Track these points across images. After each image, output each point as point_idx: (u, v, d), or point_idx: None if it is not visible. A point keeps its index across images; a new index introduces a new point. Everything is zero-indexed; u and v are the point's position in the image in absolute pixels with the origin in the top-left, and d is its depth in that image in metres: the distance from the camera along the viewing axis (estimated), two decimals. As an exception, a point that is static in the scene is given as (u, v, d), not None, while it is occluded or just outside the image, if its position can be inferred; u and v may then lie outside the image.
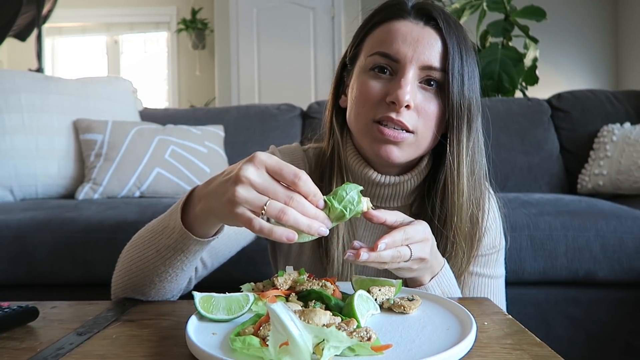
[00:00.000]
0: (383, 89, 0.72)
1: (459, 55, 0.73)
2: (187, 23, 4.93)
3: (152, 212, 1.36)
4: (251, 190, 0.52)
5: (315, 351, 0.43)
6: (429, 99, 0.73)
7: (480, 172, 0.78)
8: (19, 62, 4.68)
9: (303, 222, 0.52)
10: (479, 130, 0.77)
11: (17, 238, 1.29)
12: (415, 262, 0.63)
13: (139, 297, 0.71)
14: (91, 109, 1.86)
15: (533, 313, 1.30)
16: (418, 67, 0.71)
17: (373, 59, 0.74)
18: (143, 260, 0.67)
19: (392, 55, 0.72)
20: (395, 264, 0.60)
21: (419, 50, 0.71)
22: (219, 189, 0.55)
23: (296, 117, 2.12)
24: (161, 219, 0.68)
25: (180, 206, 0.63)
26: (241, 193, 0.51)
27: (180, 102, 5.23)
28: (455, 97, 0.72)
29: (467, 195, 0.75)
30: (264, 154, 0.53)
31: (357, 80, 0.76)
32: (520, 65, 2.55)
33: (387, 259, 0.58)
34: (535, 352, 0.48)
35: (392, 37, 0.73)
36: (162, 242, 0.65)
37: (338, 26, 4.33)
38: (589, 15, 4.88)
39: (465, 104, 0.73)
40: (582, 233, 1.28)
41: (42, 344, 0.53)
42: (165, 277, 0.67)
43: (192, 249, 0.64)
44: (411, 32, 0.72)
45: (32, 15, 3.09)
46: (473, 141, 0.75)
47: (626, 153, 1.81)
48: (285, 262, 0.88)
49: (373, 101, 0.73)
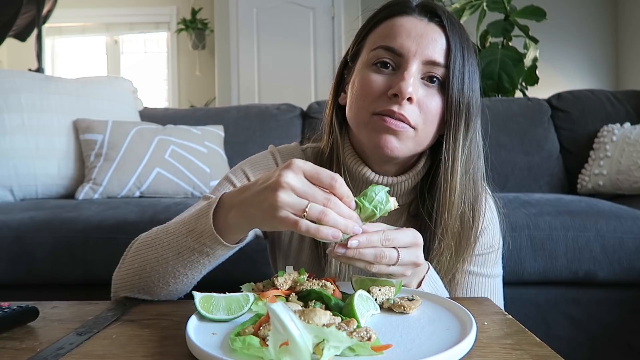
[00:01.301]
0: (385, 83, 0.72)
1: (460, 53, 0.73)
2: (187, 23, 4.93)
3: (152, 212, 1.36)
4: (292, 194, 0.54)
5: (315, 351, 0.43)
6: (431, 95, 0.73)
7: (477, 173, 0.78)
8: (19, 62, 4.68)
9: (341, 222, 0.55)
10: (477, 131, 0.77)
11: (17, 238, 1.29)
12: (409, 267, 0.63)
13: (145, 296, 0.71)
14: (91, 109, 1.86)
15: (533, 313, 1.30)
16: (421, 61, 0.71)
17: (376, 53, 0.74)
18: (160, 261, 0.67)
19: (396, 49, 0.72)
20: (384, 268, 0.60)
21: (422, 45, 0.71)
22: (257, 197, 0.57)
23: (296, 117, 2.12)
24: (182, 222, 0.67)
25: (212, 210, 0.63)
26: (283, 198, 0.54)
27: (180, 102, 5.23)
28: (455, 94, 0.72)
29: (459, 193, 0.75)
30: (300, 160, 0.57)
31: (359, 74, 0.76)
32: (520, 65, 2.55)
33: (370, 258, 0.58)
34: (535, 352, 0.48)
35: (396, 31, 0.73)
36: (187, 244, 0.65)
37: (338, 26, 4.34)
38: (589, 15, 4.89)
39: (464, 102, 0.73)
40: (582, 233, 1.28)
41: (42, 344, 0.53)
42: (181, 279, 0.68)
43: (219, 254, 0.65)
44: (415, 27, 0.72)
45: (32, 15, 3.09)
46: (470, 140, 0.75)
47: (626, 153, 1.81)
48: (285, 262, 0.88)
49: (374, 95, 0.73)
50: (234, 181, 0.84)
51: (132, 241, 0.75)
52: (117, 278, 0.73)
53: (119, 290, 0.73)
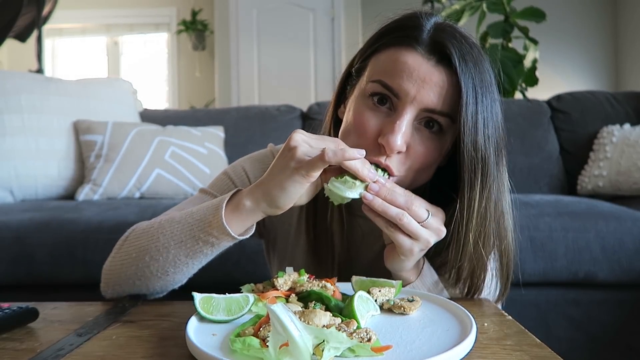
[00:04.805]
0: (377, 126, 0.66)
1: (474, 100, 0.64)
2: (187, 24, 4.94)
3: (152, 212, 1.36)
4: (307, 146, 0.60)
5: (315, 352, 0.43)
6: (425, 140, 0.67)
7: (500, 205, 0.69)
8: (19, 63, 4.68)
9: (358, 156, 0.59)
10: (499, 185, 0.68)
11: (17, 239, 1.29)
12: (433, 234, 0.63)
13: (137, 289, 0.70)
14: (91, 110, 1.86)
15: (533, 314, 1.30)
16: (419, 108, 0.65)
17: (373, 86, 0.67)
18: (161, 250, 0.66)
19: (394, 89, 0.65)
20: (414, 224, 0.61)
21: (423, 92, 0.64)
22: (277, 164, 0.62)
23: (296, 118, 2.12)
24: (190, 213, 0.67)
25: (225, 203, 0.64)
26: (301, 150, 0.59)
27: (180, 103, 5.23)
28: (467, 150, 0.64)
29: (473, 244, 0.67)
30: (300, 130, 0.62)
31: (355, 103, 0.70)
32: (520, 67, 2.55)
33: (401, 201, 0.61)
34: (535, 353, 0.48)
35: (397, 69, 0.65)
36: (192, 233, 0.65)
37: (338, 27, 4.34)
38: (588, 16, 4.89)
39: (479, 155, 0.64)
40: (582, 234, 1.28)
41: (42, 345, 0.53)
42: (181, 268, 0.68)
43: (223, 245, 0.66)
44: (419, 69, 0.64)
45: (33, 16, 3.09)
46: (487, 199, 0.67)
47: (626, 154, 1.81)
48: (280, 264, 0.88)
49: (365, 137, 0.67)
50: (232, 177, 0.84)
51: (127, 232, 0.73)
52: (110, 268, 0.71)
53: (110, 282, 0.71)
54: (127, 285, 0.70)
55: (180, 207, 0.79)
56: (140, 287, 0.70)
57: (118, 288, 0.72)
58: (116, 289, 0.72)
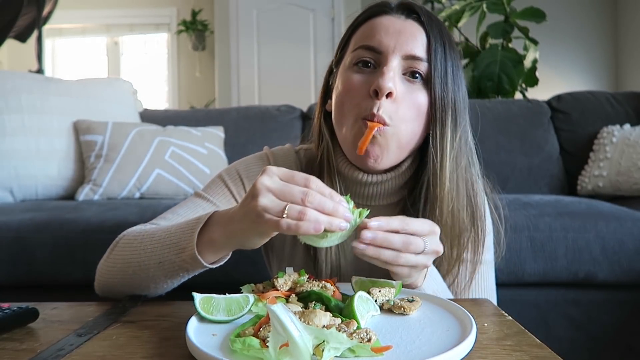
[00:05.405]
0: (366, 82, 0.72)
1: (442, 48, 0.73)
2: (187, 24, 4.94)
3: (152, 213, 1.36)
4: (270, 196, 0.54)
5: (315, 352, 0.43)
6: (412, 91, 0.72)
7: (471, 168, 0.77)
8: (19, 63, 4.69)
9: (323, 219, 0.53)
10: (466, 128, 0.76)
11: (17, 239, 1.29)
12: (431, 256, 0.62)
13: (126, 294, 0.72)
14: (91, 110, 1.86)
15: (533, 314, 1.30)
16: (401, 57, 0.71)
17: (356, 54, 0.74)
18: (142, 267, 0.67)
19: (375, 46, 0.72)
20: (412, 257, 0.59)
21: (401, 41, 0.71)
22: (240, 210, 0.58)
23: (296, 119, 2.12)
24: (169, 231, 0.66)
25: (198, 230, 0.62)
26: (262, 201, 0.54)
27: (180, 104, 5.23)
28: (438, 89, 0.72)
29: (449, 190, 0.73)
30: (274, 167, 0.57)
31: (341, 77, 0.76)
32: (520, 67, 2.55)
33: (398, 245, 0.57)
34: (535, 354, 0.48)
35: (374, 30, 0.73)
36: (168, 257, 0.65)
37: (338, 28, 4.34)
38: (588, 16, 4.89)
39: (449, 96, 0.72)
40: (582, 234, 1.28)
41: (42, 345, 0.53)
42: (162, 285, 0.68)
43: (197, 271, 0.65)
44: (393, 24, 0.73)
45: (33, 16, 3.09)
46: (460, 137, 0.74)
47: (626, 154, 1.81)
48: (279, 265, 0.88)
49: (358, 96, 0.72)
50: (227, 181, 0.84)
51: (119, 236, 0.74)
52: (100, 272, 0.73)
53: (100, 284, 0.73)
54: (116, 290, 0.72)
55: (174, 211, 0.80)
56: (128, 293, 0.71)
57: (107, 290, 0.73)
58: (105, 291, 0.74)
